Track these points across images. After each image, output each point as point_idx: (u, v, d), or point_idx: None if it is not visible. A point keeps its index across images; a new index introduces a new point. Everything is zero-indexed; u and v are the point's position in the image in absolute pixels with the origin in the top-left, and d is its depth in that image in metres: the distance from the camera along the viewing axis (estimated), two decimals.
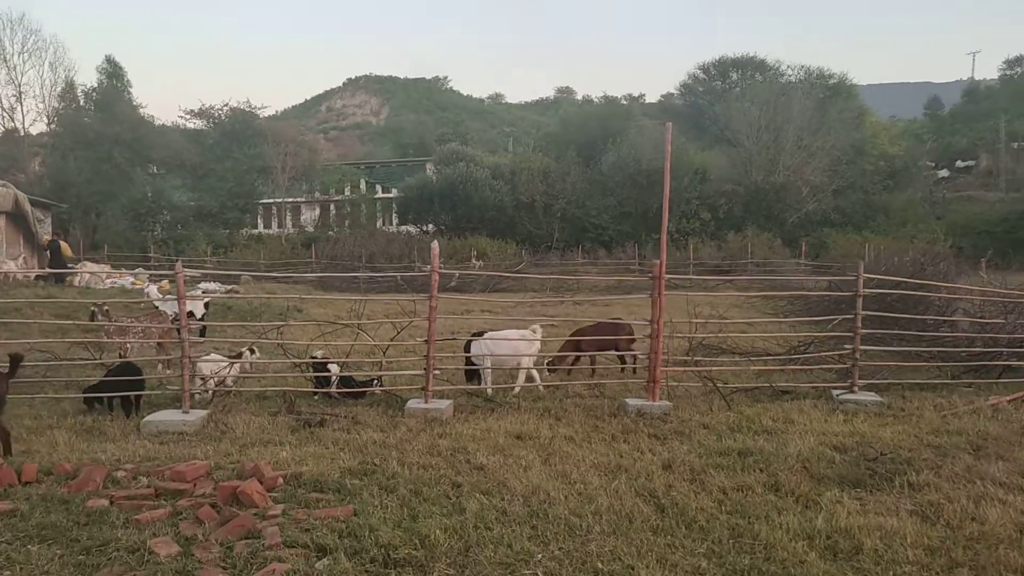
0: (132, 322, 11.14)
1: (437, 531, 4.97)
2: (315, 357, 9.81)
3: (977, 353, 10.42)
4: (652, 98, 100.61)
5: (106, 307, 11.51)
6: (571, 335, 11.27)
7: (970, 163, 66.11)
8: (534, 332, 10.12)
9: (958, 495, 5.78)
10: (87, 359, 10.61)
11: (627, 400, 9.10)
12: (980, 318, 10.98)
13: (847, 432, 7.74)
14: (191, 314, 15.03)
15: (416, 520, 5.24)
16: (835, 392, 9.35)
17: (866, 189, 47.34)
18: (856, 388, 9.29)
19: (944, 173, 62.51)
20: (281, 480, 5.97)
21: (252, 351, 9.98)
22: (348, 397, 9.46)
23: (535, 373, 10.13)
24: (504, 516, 5.36)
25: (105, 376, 8.51)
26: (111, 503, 5.59)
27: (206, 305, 14.94)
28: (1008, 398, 8.97)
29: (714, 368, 9.86)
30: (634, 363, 11.23)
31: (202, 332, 14.65)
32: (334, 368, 9.56)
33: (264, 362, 10.24)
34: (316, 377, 9.60)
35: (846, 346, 9.54)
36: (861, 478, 6.25)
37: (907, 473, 6.28)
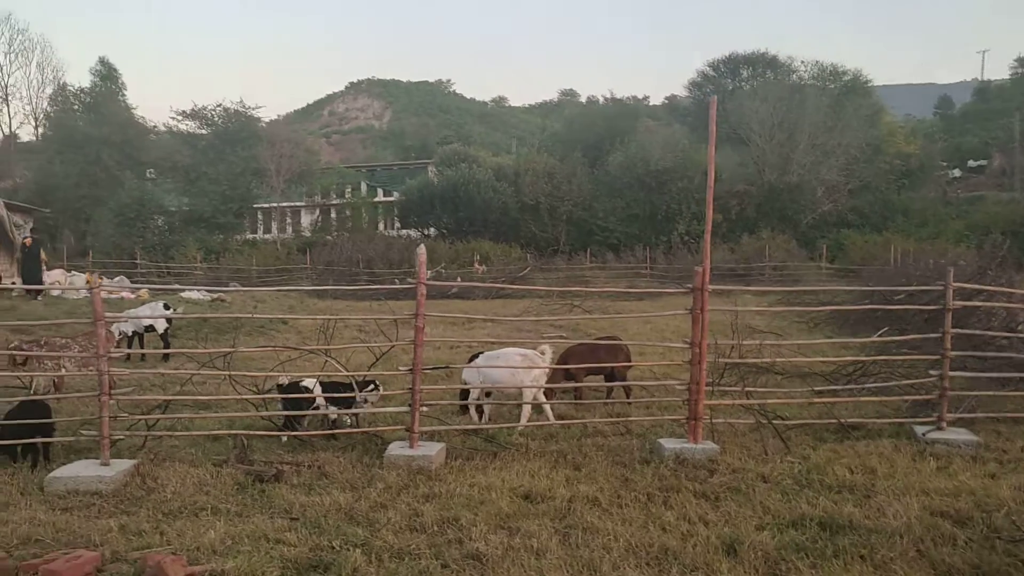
0: (67, 342, 9.37)
1: None
2: (281, 384, 8.01)
3: None
4: (656, 100, 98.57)
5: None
6: (559, 358, 9.33)
7: (982, 162, 64.36)
8: (542, 354, 8.31)
9: None
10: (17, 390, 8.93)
11: (661, 441, 7.32)
12: None
13: (952, 489, 5.96)
14: (152, 329, 13.30)
15: None
16: (918, 429, 7.56)
17: (881, 189, 45.55)
18: (944, 424, 7.51)
19: (956, 173, 60.87)
20: None
21: (377, 387, 8.11)
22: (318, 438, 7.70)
23: (547, 407, 8.30)
24: None
25: (3, 419, 6.75)
26: None
27: (168, 321, 13.06)
28: None
29: (768, 401, 8.05)
30: (628, 395, 9.38)
31: (165, 356, 12.92)
32: (317, 389, 7.72)
33: (232, 399, 8.15)
34: (285, 408, 7.80)
35: (932, 372, 7.73)
36: (1004, 572, 4.50)
37: None
